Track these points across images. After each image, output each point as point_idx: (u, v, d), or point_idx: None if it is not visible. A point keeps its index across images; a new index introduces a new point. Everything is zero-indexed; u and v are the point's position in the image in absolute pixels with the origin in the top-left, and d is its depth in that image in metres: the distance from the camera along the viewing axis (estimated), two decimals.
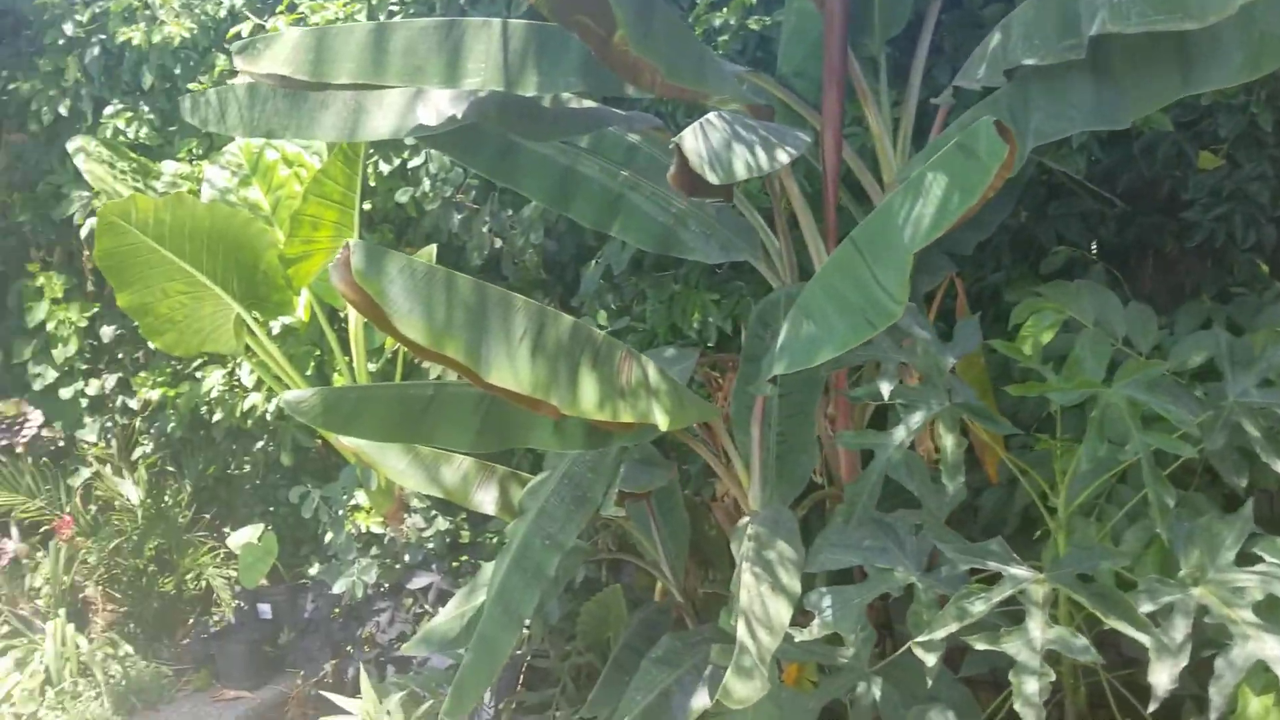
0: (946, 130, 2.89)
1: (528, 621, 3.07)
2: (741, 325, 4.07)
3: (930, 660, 2.38)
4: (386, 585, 4.59)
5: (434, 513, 4.57)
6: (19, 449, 5.21)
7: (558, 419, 2.58)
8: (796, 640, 2.51)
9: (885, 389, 2.67)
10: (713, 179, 2.25)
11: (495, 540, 4.71)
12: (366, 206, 4.55)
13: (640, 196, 3.31)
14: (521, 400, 2.41)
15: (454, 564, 4.67)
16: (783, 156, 2.50)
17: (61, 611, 4.85)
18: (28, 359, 5.57)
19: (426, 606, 4.49)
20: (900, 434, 2.66)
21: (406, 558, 4.57)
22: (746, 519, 2.85)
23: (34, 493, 5.21)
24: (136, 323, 3.86)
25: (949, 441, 2.60)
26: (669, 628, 3.39)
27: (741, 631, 2.42)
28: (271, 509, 5.43)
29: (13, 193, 5.76)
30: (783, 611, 2.49)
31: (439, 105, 3.18)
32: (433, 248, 4.24)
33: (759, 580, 2.53)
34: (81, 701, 4.66)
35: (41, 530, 5.27)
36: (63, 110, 5.35)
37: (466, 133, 3.27)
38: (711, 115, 2.46)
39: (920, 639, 2.37)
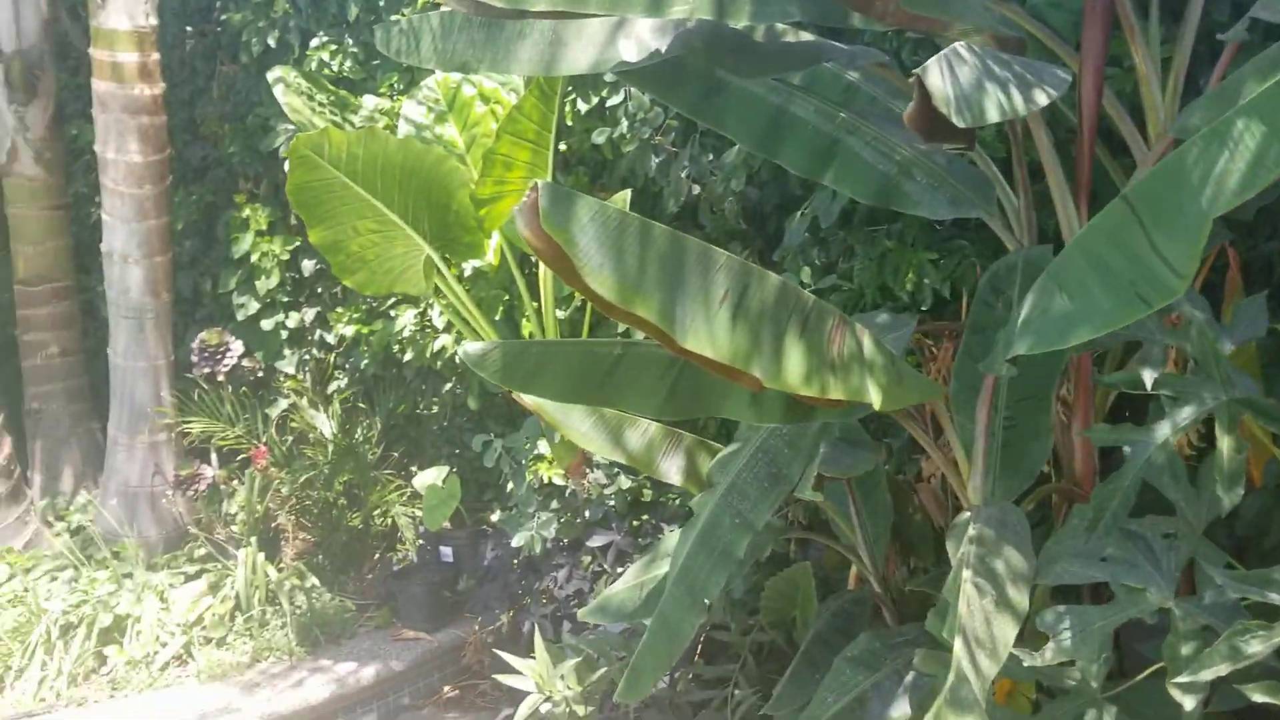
0: (1238, 71, 2.40)
1: None
2: (963, 289, 3.67)
3: (1189, 704, 2.00)
4: (565, 540, 4.45)
5: (616, 470, 4.39)
6: (220, 377, 5.32)
7: (756, 389, 2.29)
8: (1025, 664, 2.16)
9: (1149, 377, 2.26)
10: (959, 121, 1.89)
11: (677, 502, 4.49)
12: (562, 147, 4.35)
13: (859, 142, 2.95)
14: (717, 368, 2.14)
15: (634, 523, 4.48)
16: (1041, 98, 2.11)
17: (254, 539, 4.95)
18: (233, 289, 5.69)
19: (605, 565, 4.32)
20: (1164, 431, 2.26)
21: (586, 514, 4.42)
22: (966, 515, 2.50)
23: (233, 421, 5.32)
24: (329, 260, 3.79)
25: (1226, 444, 2.17)
26: (866, 622, 3.08)
27: (960, 653, 2.09)
28: (457, 451, 5.40)
29: (224, 124, 5.87)
30: (1008, 632, 2.15)
31: (641, 37, 2.91)
32: (626, 193, 4.00)
33: (981, 593, 2.19)
34: (268, 630, 4.75)
35: (239, 458, 5.39)
36: (271, 42, 5.37)
37: (669, 68, 2.98)
38: (959, 46, 2.09)
39: (1181, 680, 1.99)
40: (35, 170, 5.60)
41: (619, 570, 4.34)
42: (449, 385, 5.32)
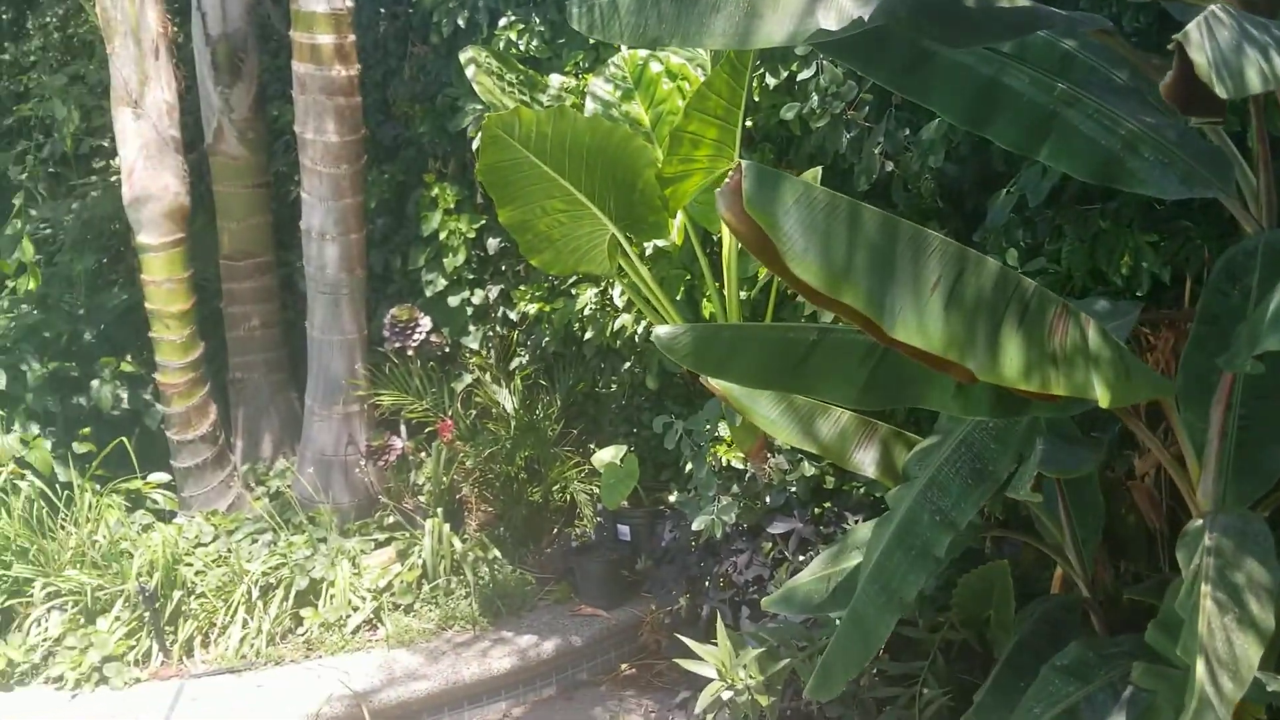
0: None
1: None
2: (1186, 275, 3.39)
3: None
4: (744, 525, 4.37)
5: (800, 456, 4.27)
6: (410, 352, 5.46)
7: (967, 381, 2.15)
8: (1269, 688, 1.96)
9: None
10: (1220, 92, 1.70)
11: (861, 491, 4.35)
12: (747, 124, 4.24)
13: (1079, 115, 2.72)
14: (927, 359, 2.00)
15: (816, 511, 4.36)
16: None
17: (439, 510, 5.07)
18: (421, 266, 5.83)
19: (785, 552, 4.22)
20: None
21: (767, 499, 4.32)
22: (1199, 523, 2.29)
23: (420, 394, 5.46)
24: (516, 240, 3.81)
25: None
26: (1075, 629, 2.89)
27: (1201, 675, 1.91)
28: (635, 431, 5.39)
29: (414, 105, 6.00)
30: (1252, 652, 1.95)
31: (842, 6, 2.74)
32: (817, 170, 3.87)
33: (1223, 610, 2.00)
34: (453, 599, 4.86)
35: (426, 431, 5.53)
36: (460, 22, 5.45)
37: (871, 38, 2.82)
38: (1216, 8, 1.88)
39: None
40: (239, 150, 5.85)
41: (799, 558, 4.24)
42: (628, 364, 5.31)
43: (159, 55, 5.08)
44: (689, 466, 4.55)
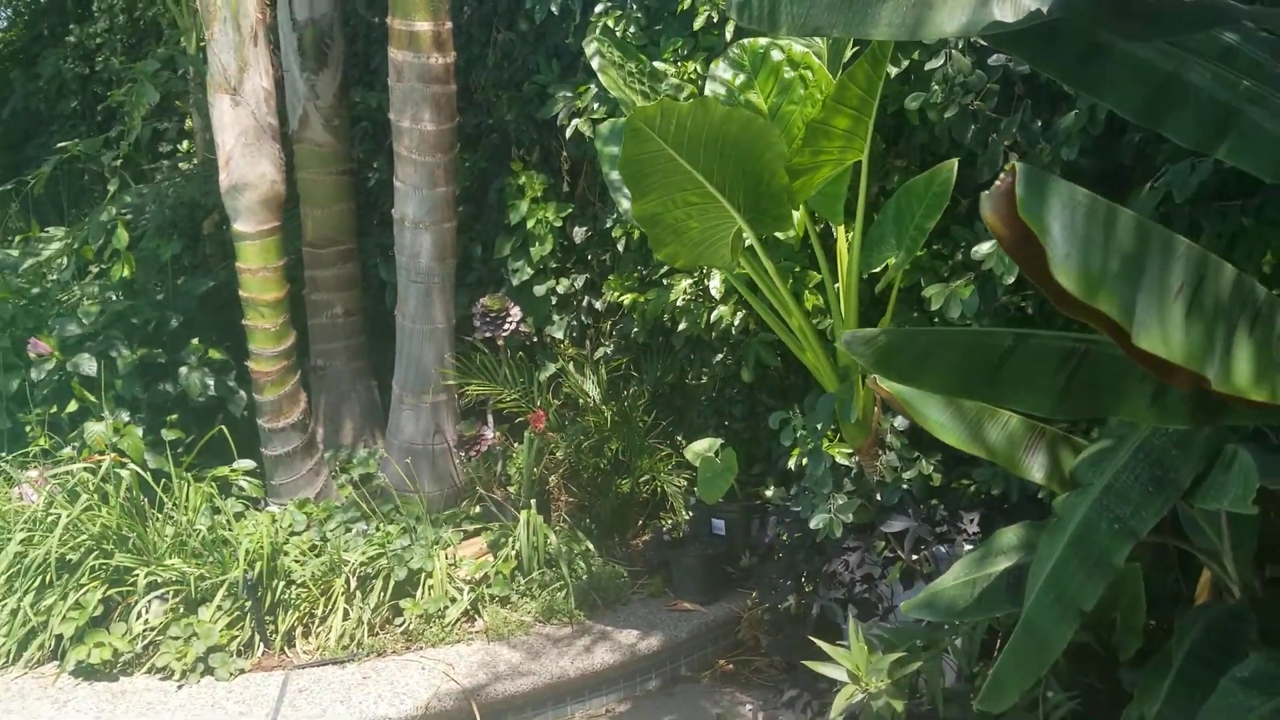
0: None
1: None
2: None
3: None
4: (855, 523, 4.31)
5: (915, 453, 4.21)
6: (500, 342, 5.43)
7: (1189, 389, 2.08)
8: None
9: None
10: None
11: (972, 489, 4.28)
12: None
13: (1264, 113, 2.64)
14: (1158, 368, 1.94)
15: (926, 507, 4.30)
16: None
17: (533, 502, 5.03)
18: (507, 255, 5.78)
19: (900, 552, 4.17)
20: None
21: (879, 497, 4.26)
22: None
23: (510, 384, 5.42)
24: (646, 233, 3.75)
25: None
26: (1245, 639, 2.81)
27: None
28: (726, 424, 5.33)
29: (499, 92, 5.94)
30: None
31: None
32: (953, 163, 3.78)
33: None
34: (549, 591, 4.83)
35: (517, 421, 5.49)
36: (554, 9, 5.38)
37: (1042, 30, 2.74)
38: None
39: None
40: (324, 137, 5.81)
41: (913, 557, 4.18)
42: (720, 356, 5.26)
43: (257, 42, 5.04)
44: (792, 462, 4.48)
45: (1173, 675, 2.68)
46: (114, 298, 5.78)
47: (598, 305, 5.80)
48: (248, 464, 5.40)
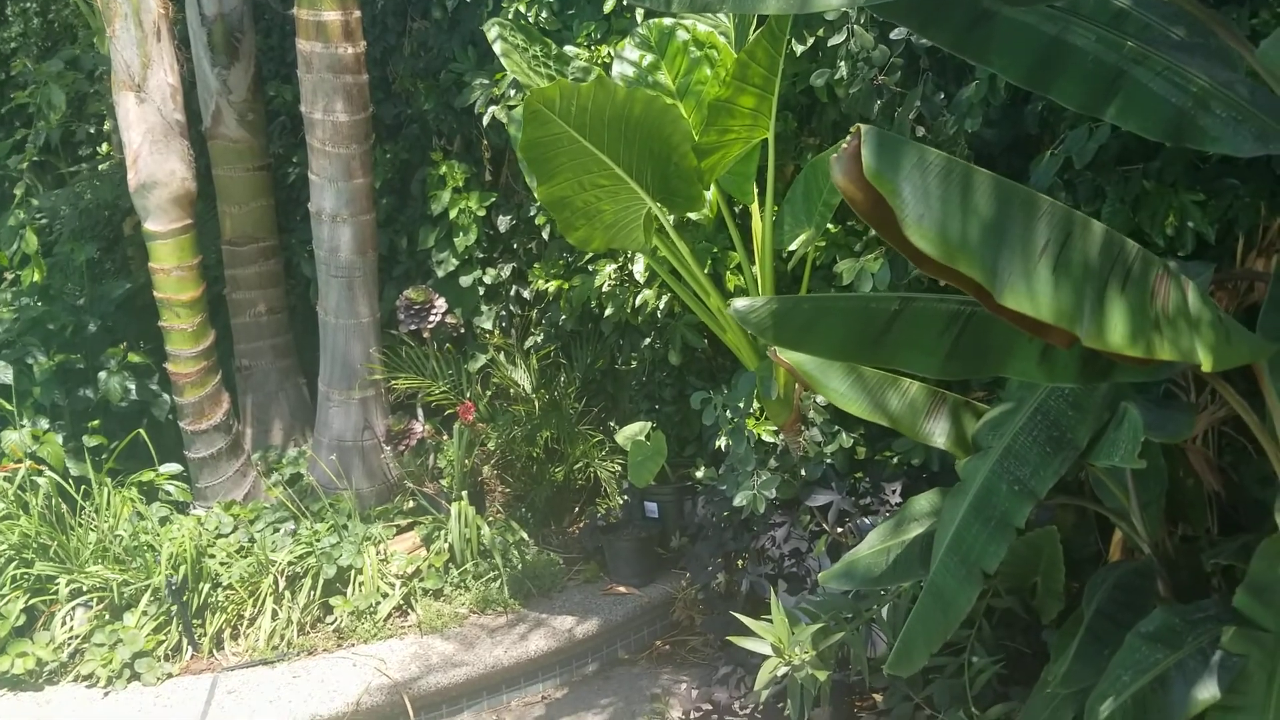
0: None
1: None
2: (1238, 234, 3.36)
3: None
4: (780, 499, 4.34)
5: (836, 427, 4.24)
6: (425, 334, 5.38)
7: (1065, 346, 2.10)
8: None
9: None
10: None
11: (895, 460, 4.32)
12: None
13: (1148, 73, 2.67)
14: (1030, 325, 1.96)
15: (850, 480, 4.33)
16: None
17: (464, 494, 5.00)
18: (432, 246, 5.73)
19: (824, 525, 4.20)
20: None
21: (803, 472, 4.29)
22: None
23: (438, 376, 5.38)
24: (554, 217, 3.72)
25: None
26: (1153, 595, 2.87)
27: None
28: (656, 407, 5.33)
29: (416, 81, 5.88)
30: None
31: None
32: None
33: None
34: (482, 582, 4.81)
35: (447, 413, 5.46)
36: None
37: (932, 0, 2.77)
38: None
39: None
40: (239, 132, 5.72)
41: (838, 530, 4.22)
42: (648, 340, 5.25)
43: (161, 37, 4.94)
44: (720, 442, 4.50)
45: (1082, 632, 2.72)
46: (31, 303, 5.66)
47: (525, 294, 5.77)
48: (173, 468, 5.31)
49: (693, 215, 4.26)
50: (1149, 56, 2.69)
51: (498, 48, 4.07)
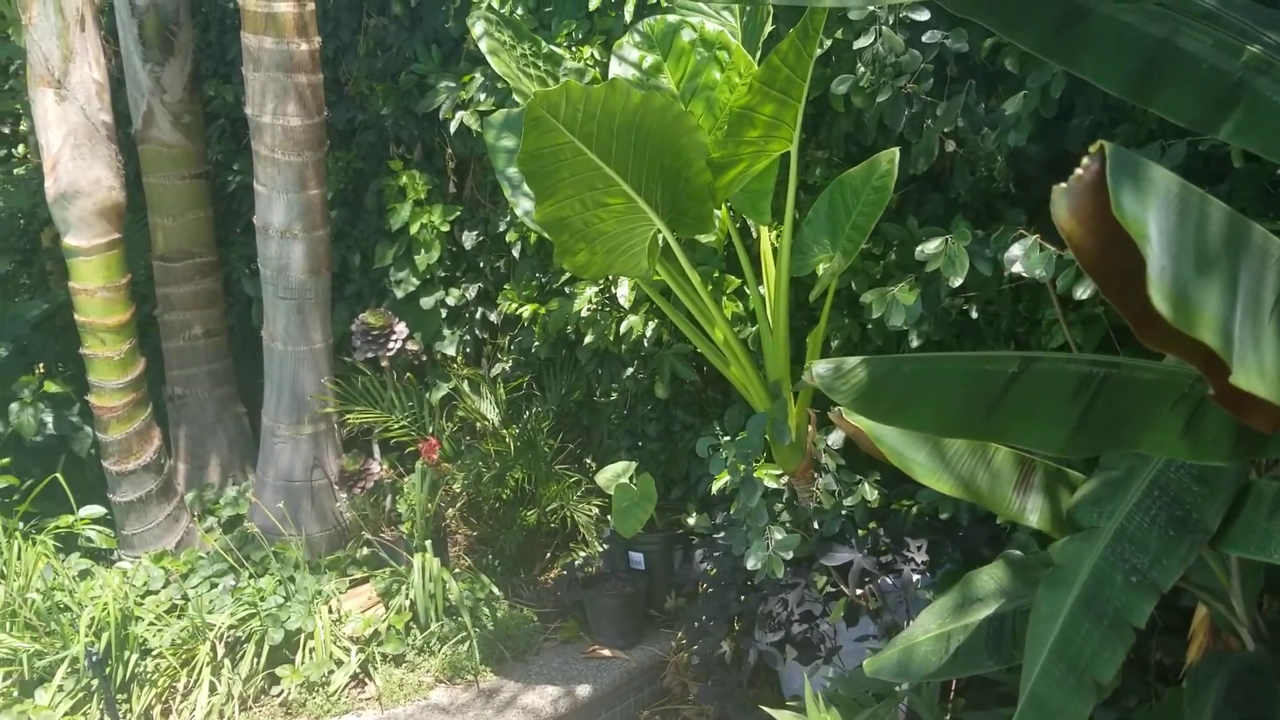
0: None
1: None
2: None
3: None
4: (790, 554, 3.87)
5: (858, 477, 3.79)
6: (383, 362, 4.84)
7: (1268, 430, 1.66)
8: None
9: None
10: None
11: (914, 510, 3.89)
12: None
13: (1272, 84, 2.26)
14: (1235, 404, 1.51)
15: (862, 532, 3.88)
16: None
17: (428, 544, 4.46)
18: (389, 264, 5.19)
19: (842, 586, 3.74)
20: None
21: (817, 526, 3.83)
22: None
23: (397, 409, 4.84)
24: (552, 240, 3.22)
25: None
26: (1271, 698, 2.44)
27: None
28: (639, 444, 4.84)
29: (373, 83, 5.34)
30: None
31: None
32: (893, 152, 3.36)
33: None
34: (450, 645, 4.27)
35: (407, 450, 4.92)
36: None
37: None
38: None
39: None
40: (174, 136, 5.15)
41: (857, 591, 3.76)
42: (630, 370, 4.77)
43: (85, 27, 4.35)
44: (716, 486, 4.02)
45: None
46: None
47: (493, 318, 5.25)
48: (95, 511, 4.71)
49: (702, 238, 3.79)
50: (1275, 65, 2.28)
51: (484, 45, 3.56)
